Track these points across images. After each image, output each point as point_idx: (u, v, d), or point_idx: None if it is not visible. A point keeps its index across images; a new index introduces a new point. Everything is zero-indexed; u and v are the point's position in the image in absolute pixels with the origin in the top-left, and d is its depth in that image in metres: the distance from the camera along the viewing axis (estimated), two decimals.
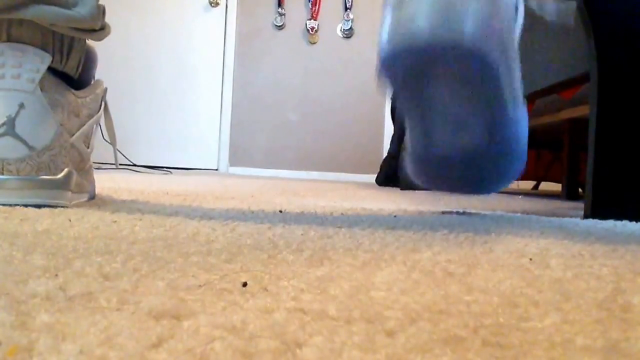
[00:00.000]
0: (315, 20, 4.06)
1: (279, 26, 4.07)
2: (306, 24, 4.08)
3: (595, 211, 0.79)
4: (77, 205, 0.62)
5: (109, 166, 2.39)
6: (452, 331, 0.19)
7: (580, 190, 1.96)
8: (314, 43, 4.08)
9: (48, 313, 0.20)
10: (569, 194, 1.75)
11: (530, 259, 0.36)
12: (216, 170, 4.00)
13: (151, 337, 0.17)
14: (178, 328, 0.19)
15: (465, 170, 0.66)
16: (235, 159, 4.05)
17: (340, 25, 4.08)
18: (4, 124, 0.55)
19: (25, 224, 0.43)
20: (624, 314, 0.23)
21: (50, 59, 0.59)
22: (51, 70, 0.60)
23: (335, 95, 4.01)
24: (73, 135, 0.62)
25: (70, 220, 0.47)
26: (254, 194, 1.17)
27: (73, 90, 0.62)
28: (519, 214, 0.82)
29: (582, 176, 1.86)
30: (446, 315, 0.22)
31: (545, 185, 3.25)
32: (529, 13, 1.49)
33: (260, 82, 4.06)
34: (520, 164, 0.67)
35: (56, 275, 0.26)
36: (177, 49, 3.90)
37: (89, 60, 0.68)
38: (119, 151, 2.47)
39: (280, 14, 4.06)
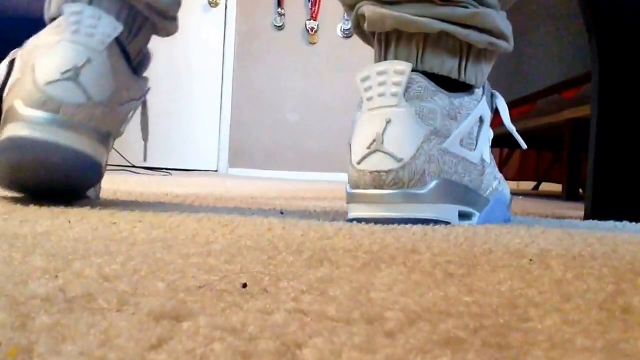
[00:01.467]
0: (314, 20, 4.07)
1: (279, 26, 4.07)
2: (306, 24, 4.08)
3: (595, 211, 0.79)
4: (77, 206, 0.62)
5: (108, 167, 2.40)
6: (452, 332, 0.19)
7: (580, 190, 1.96)
8: (314, 43, 4.08)
9: (48, 314, 0.20)
10: (569, 194, 1.76)
11: (530, 260, 0.36)
12: (215, 171, 4.01)
13: (151, 338, 0.17)
14: (178, 329, 0.19)
15: None
16: (235, 160, 4.05)
17: (340, 25, 4.08)
18: (69, 69, 0.58)
19: (25, 225, 0.43)
20: (624, 314, 0.23)
21: (121, 29, 0.62)
22: (118, 43, 0.63)
23: (335, 95, 4.01)
24: (121, 105, 0.64)
25: (69, 222, 0.47)
26: (254, 195, 1.17)
27: (128, 69, 0.65)
28: (518, 215, 0.82)
29: (582, 176, 1.86)
30: (446, 316, 0.22)
31: (545, 186, 3.26)
32: (529, 10, 1.49)
33: (260, 83, 4.06)
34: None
35: (56, 276, 0.26)
36: (176, 50, 3.90)
37: (145, 59, 0.72)
38: (118, 152, 2.47)
39: (280, 14, 4.06)
